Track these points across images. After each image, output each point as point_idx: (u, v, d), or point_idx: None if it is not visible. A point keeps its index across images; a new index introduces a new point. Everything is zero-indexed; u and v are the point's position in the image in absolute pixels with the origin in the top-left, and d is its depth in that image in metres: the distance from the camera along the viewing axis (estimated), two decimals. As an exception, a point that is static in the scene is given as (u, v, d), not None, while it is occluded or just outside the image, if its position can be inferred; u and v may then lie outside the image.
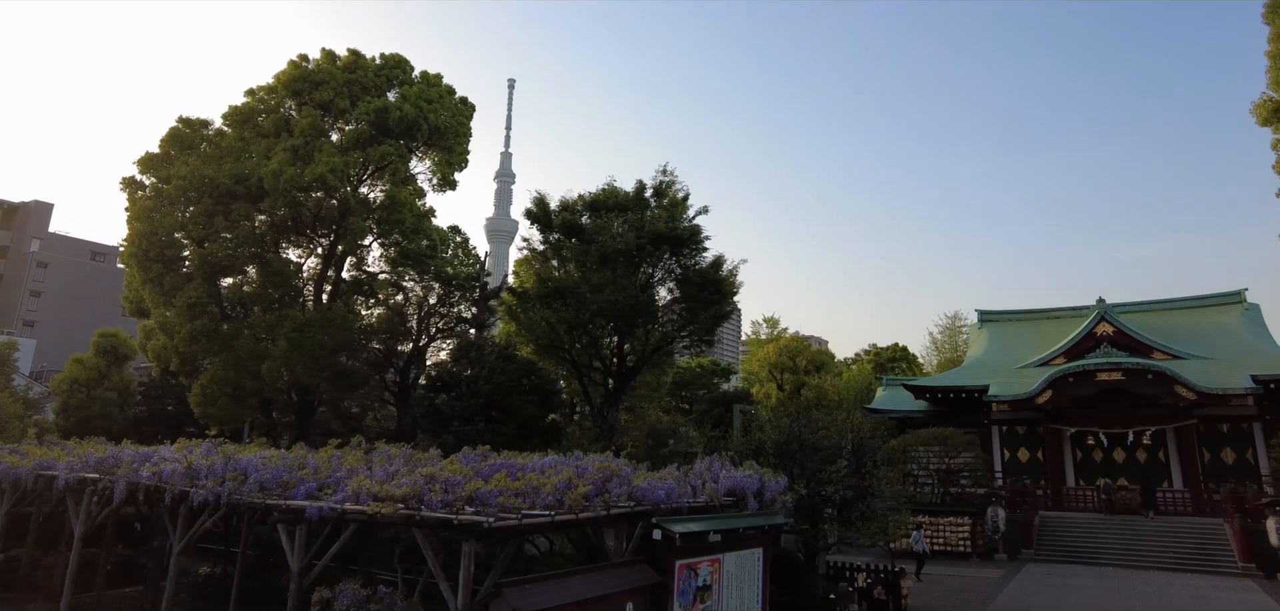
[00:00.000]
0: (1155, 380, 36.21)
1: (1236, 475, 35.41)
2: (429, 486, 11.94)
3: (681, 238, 30.03)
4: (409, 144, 31.56)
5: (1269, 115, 20.56)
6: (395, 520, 11.74)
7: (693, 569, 13.21)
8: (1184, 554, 30.39)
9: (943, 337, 74.73)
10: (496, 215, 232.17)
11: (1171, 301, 48.71)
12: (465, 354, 27.21)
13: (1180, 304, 48.33)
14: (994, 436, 40.91)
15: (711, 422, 32.44)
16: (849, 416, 25.32)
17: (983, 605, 22.40)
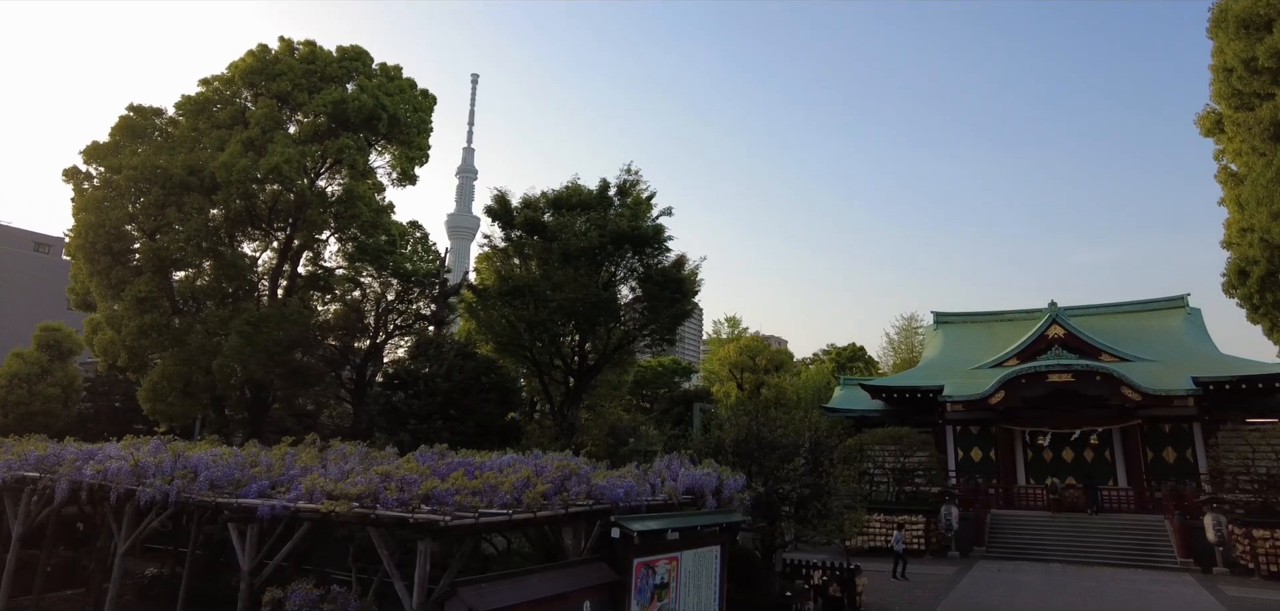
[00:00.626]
0: (1103, 381, 37.23)
1: (1177, 473, 36.60)
2: (385, 485, 11.80)
3: (644, 237, 30.11)
4: (368, 137, 31.15)
5: (1211, 126, 21.27)
6: (350, 519, 11.58)
7: (651, 567, 13.25)
8: (1126, 550, 31.31)
9: (899, 338, 75.94)
10: (458, 211, 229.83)
11: (1119, 305, 50.15)
12: (423, 351, 26.93)
13: (1127, 308, 49.79)
14: (948, 436, 41.68)
15: (672, 421, 32.61)
16: (807, 415, 25.63)
17: (935, 601, 22.82)
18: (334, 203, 29.71)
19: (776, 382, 60.49)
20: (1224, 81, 19.37)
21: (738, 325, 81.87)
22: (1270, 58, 16.99)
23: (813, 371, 72.45)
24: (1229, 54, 18.77)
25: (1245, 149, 18.82)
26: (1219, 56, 19.58)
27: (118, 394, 36.79)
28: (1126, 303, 50.22)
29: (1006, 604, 22.66)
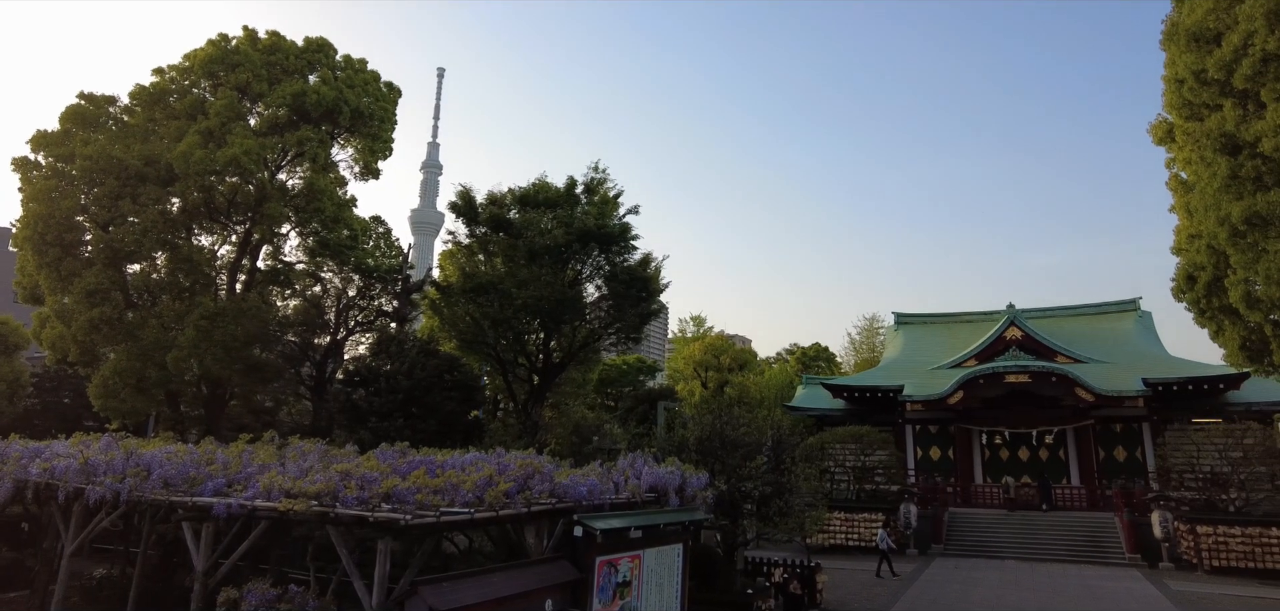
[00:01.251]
0: (1058, 382, 38.12)
1: (1127, 472, 37.64)
2: (344, 483, 11.67)
3: (611, 235, 30.06)
4: (330, 129, 30.66)
5: (1163, 135, 21.81)
6: (309, 517, 11.44)
7: (613, 565, 13.27)
8: (1078, 546, 32.12)
9: (861, 338, 76.90)
10: (422, 206, 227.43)
11: (1074, 308, 51.42)
12: (385, 348, 26.61)
13: (1082, 310, 51.07)
14: (908, 435, 42.36)
15: (636, 419, 32.65)
16: (770, 414, 25.84)
17: (894, 598, 23.18)
18: (295, 196, 29.19)
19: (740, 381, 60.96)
20: (1175, 92, 19.88)
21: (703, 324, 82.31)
22: (1219, 70, 17.48)
23: (776, 370, 73.04)
24: (1180, 66, 19.28)
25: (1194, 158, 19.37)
26: (1171, 68, 20.10)
27: (67, 389, 35.77)
28: (1082, 305, 51.54)
29: (963, 600, 23.11)
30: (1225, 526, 28.14)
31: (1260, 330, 18.72)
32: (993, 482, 40.02)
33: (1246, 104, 17.30)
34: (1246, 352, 19.81)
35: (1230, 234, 17.37)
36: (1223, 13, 17.63)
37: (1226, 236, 17.57)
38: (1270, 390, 36.21)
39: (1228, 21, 17.35)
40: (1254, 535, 27.61)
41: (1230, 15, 17.31)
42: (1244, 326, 19.23)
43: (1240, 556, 27.60)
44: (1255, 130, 16.40)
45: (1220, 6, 17.73)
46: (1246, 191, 16.80)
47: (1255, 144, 16.53)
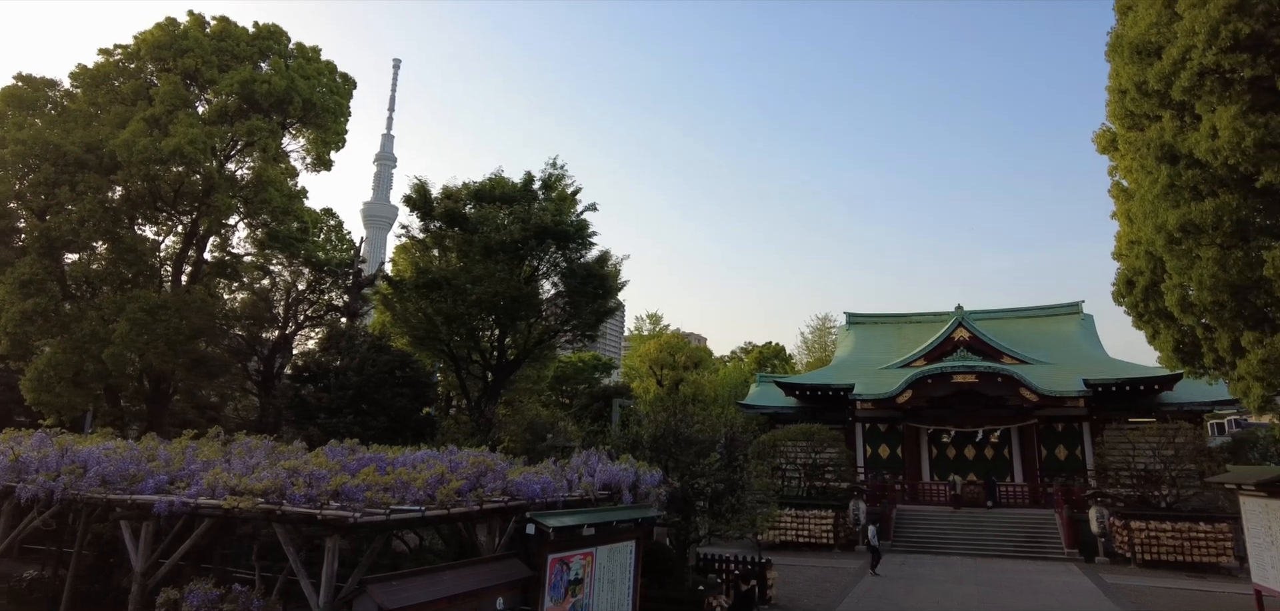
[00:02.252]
0: (1004, 383, 39.12)
1: (1067, 470, 38.86)
2: (292, 480, 11.47)
3: (568, 232, 29.97)
4: (281, 119, 30.04)
5: (1107, 144, 22.48)
6: (254, 515, 11.21)
7: (565, 562, 13.26)
8: (1019, 542, 33.02)
9: (813, 337, 77.92)
10: (375, 199, 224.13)
11: (1020, 310, 52.81)
12: (335, 343, 26.15)
13: (1027, 313, 52.49)
14: (858, 433, 43.07)
15: (591, 417, 32.61)
16: (723, 411, 26.07)
17: (843, 594, 23.57)
18: (244, 187, 28.53)
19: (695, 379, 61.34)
20: (1118, 102, 20.47)
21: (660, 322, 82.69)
22: (1159, 82, 18.04)
23: (731, 369, 73.62)
24: (1123, 77, 19.84)
25: (1135, 167, 19.97)
26: (1115, 78, 20.68)
27: (-3, 383, 34.41)
28: (1027, 308, 52.97)
29: (909, 595, 23.59)
30: (1157, 521, 29.24)
31: (1193, 334, 19.40)
32: (940, 480, 40.91)
33: (1184, 115, 17.91)
34: (1180, 355, 20.50)
35: (1167, 241, 17.96)
36: (1163, 27, 18.23)
37: (1163, 243, 18.16)
38: (1200, 391, 37.62)
39: (1168, 36, 17.94)
40: (1183, 530, 28.77)
41: (1170, 30, 17.91)
42: (1178, 330, 19.90)
43: (1170, 550, 28.73)
44: (1191, 141, 17.00)
45: (1161, 21, 18.33)
46: (1183, 200, 17.40)
47: (1191, 154, 17.13)
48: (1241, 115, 15.58)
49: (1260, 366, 16.31)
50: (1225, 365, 18.73)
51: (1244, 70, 15.97)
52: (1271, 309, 16.40)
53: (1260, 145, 15.21)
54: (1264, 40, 15.92)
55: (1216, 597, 23.54)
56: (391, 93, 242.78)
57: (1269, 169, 15.23)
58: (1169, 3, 18.33)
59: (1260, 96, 16.10)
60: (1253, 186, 15.94)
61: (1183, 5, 17.46)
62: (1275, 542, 17.89)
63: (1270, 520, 18.18)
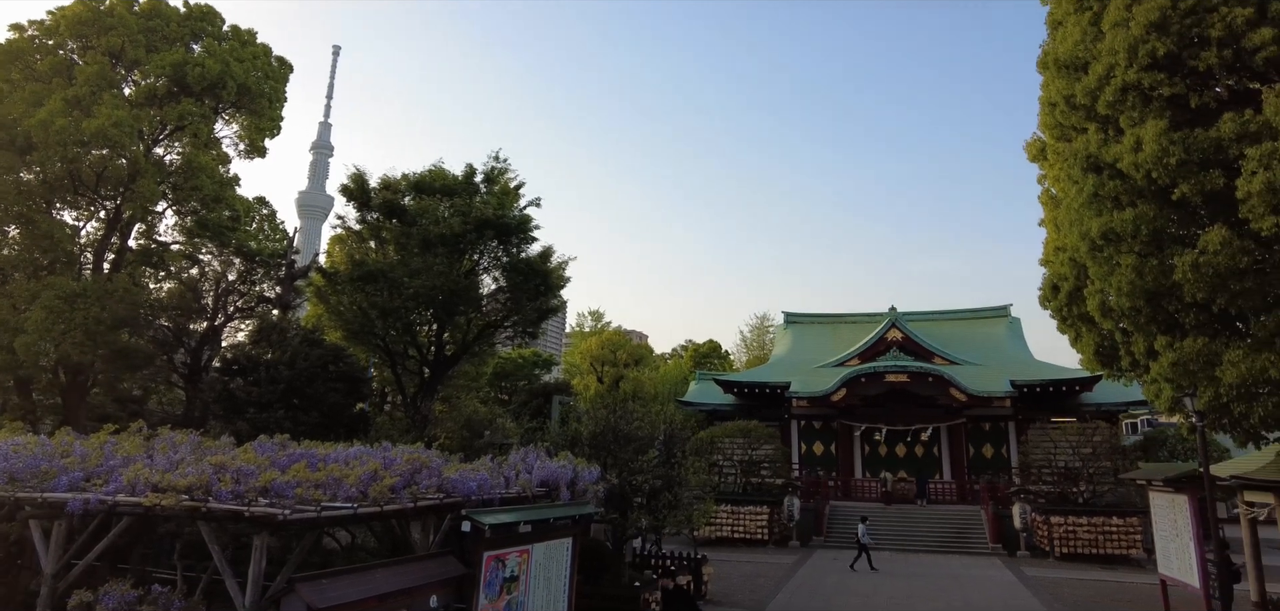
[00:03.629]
0: (935, 383, 40.29)
1: (993, 468, 40.25)
2: (219, 476, 11.13)
3: (510, 226, 29.64)
4: (214, 104, 29.07)
5: (1037, 153, 23.29)
6: (178, 512, 10.84)
7: (501, 560, 13.18)
8: (947, 538, 34.09)
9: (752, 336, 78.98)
10: (310, 189, 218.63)
11: (951, 312, 54.43)
12: (266, 336, 25.42)
13: (958, 315, 54.13)
14: (793, 430, 43.83)
15: (530, 414, 32.40)
16: (663, 409, 26.21)
17: (776, 589, 23.98)
18: (172, 172, 27.54)
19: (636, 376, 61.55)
20: (1048, 114, 21.18)
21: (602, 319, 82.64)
22: (1085, 96, 18.75)
23: (671, 366, 74.07)
24: (1053, 90, 20.55)
25: (1063, 176, 20.65)
26: (1045, 91, 21.41)
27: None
28: (958, 310, 54.63)
29: (841, 589, 24.14)
30: (1074, 516, 30.55)
31: (1112, 337, 20.23)
32: (872, 477, 41.93)
33: (1108, 128, 18.66)
34: (1100, 358, 21.35)
35: (1090, 248, 18.68)
36: (1089, 44, 18.98)
37: (1087, 250, 18.88)
38: (1117, 392, 39.38)
39: (1094, 52, 18.68)
40: (1098, 524, 30.16)
41: (1096, 47, 18.66)
42: (1099, 333, 20.73)
43: (1086, 543, 30.07)
44: (1114, 152, 17.73)
45: (1087, 38, 19.08)
46: (1105, 209, 18.13)
47: (1114, 165, 17.87)
48: (1164, 132, 16.33)
49: (1171, 369, 17.11)
50: (1140, 368, 19.59)
51: (1162, 88, 16.76)
52: (1182, 314, 17.21)
53: (1180, 162, 15.97)
54: (1179, 60, 16.72)
55: (1126, 587, 24.75)
56: (330, 80, 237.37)
57: (1185, 183, 15.99)
58: (1095, 21, 19.10)
59: (1177, 113, 16.91)
60: (1169, 198, 16.71)
61: (1107, 24, 18.21)
62: (1180, 535, 18.83)
63: (1175, 514, 19.13)
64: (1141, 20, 16.77)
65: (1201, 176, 15.73)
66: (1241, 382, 15.62)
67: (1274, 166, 14.21)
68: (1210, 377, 16.34)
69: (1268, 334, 15.39)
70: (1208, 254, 15.43)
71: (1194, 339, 16.68)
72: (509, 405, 39.87)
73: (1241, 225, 15.49)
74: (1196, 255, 15.71)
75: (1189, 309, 16.81)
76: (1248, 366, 15.36)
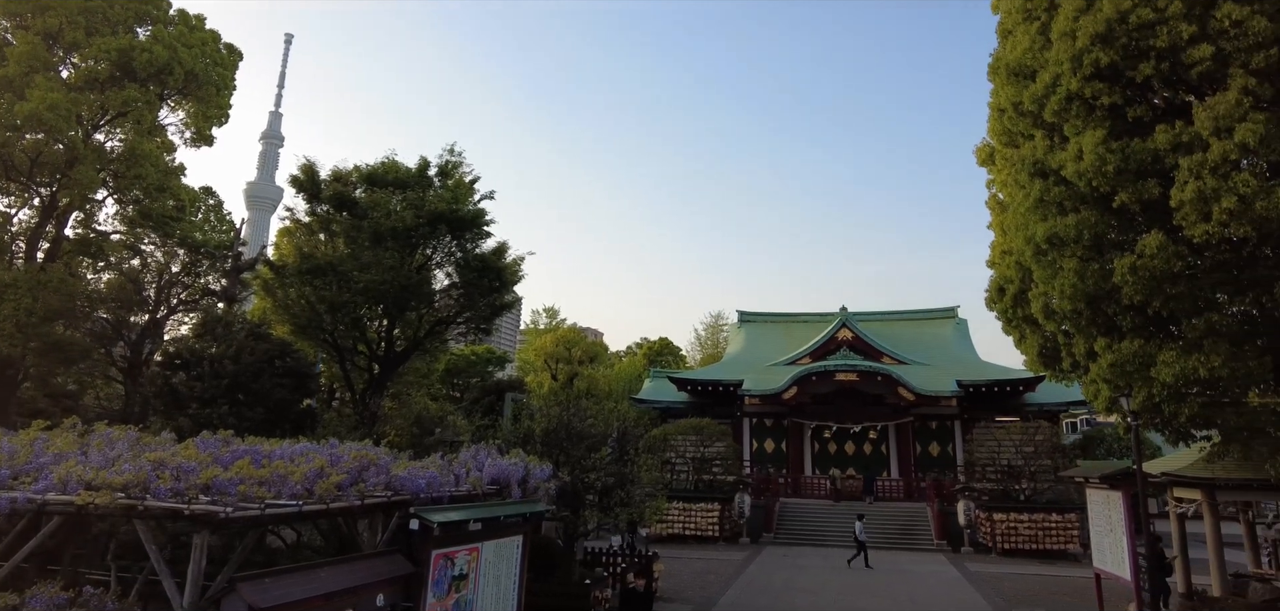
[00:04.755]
0: (883, 382, 41.01)
1: (940, 466, 41.12)
2: (157, 473, 10.80)
3: (464, 220, 29.29)
4: (159, 90, 28.21)
5: (986, 158, 23.78)
6: (113, 511, 10.50)
7: (450, 558, 13.05)
8: (894, 534, 34.75)
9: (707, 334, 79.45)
10: (259, 180, 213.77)
11: (901, 313, 55.43)
12: (211, 329, 24.77)
13: (907, 315, 55.15)
14: (745, 428, 44.23)
15: (482, 411, 32.09)
16: (617, 406, 26.22)
17: (726, 585, 24.18)
18: (114, 160, 26.65)
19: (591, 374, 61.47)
20: (998, 120, 21.60)
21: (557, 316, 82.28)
22: (1033, 103, 19.18)
23: (626, 364, 74.14)
24: (1002, 97, 20.97)
25: (1011, 181, 21.04)
26: (995, 97, 21.84)
27: None
28: (907, 311, 55.66)
29: (789, 585, 24.45)
30: (1016, 513, 31.42)
31: (1054, 339, 20.76)
32: (821, 475, 42.53)
33: (1054, 135, 19.13)
34: (1043, 359, 21.87)
35: (1034, 252, 19.12)
36: (1037, 53, 19.43)
37: (1032, 254, 19.32)
38: (1059, 393, 40.52)
39: (1041, 61, 19.13)
40: (1038, 520, 31.06)
41: (1043, 56, 19.11)
42: (1042, 335, 21.25)
43: (1027, 539, 30.95)
44: (1059, 159, 18.18)
45: (1035, 47, 19.54)
46: (1051, 214, 18.59)
47: (1059, 171, 18.34)
48: (1104, 141, 16.81)
49: (1109, 370, 17.63)
50: (1080, 369, 20.13)
51: (1104, 98, 17.25)
52: (1120, 317, 17.74)
53: (1118, 170, 16.47)
54: (1120, 72, 17.24)
55: (1063, 581, 25.56)
56: (282, 68, 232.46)
57: (1124, 190, 16.49)
58: (1043, 30, 19.57)
59: (1116, 123, 17.44)
60: (1110, 205, 17.22)
61: (1055, 33, 18.67)
62: (1113, 530, 19.47)
63: (1110, 510, 19.78)
64: (1088, 31, 17.24)
65: (1139, 185, 16.24)
66: (1174, 383, 16.18)
67: (1204, 176, 14.75)
68: (1145, 378, 16.88)
69: (1197, 336, 15.97)
70: (1144, 259, 15.94)
71: (1131, 341, 17.22)
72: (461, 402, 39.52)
73: (1175, 231, 16.04)
74: (1134, 260, 16.22)
75: (1127, 312, 17.34)
76: (1180, 367, 15.91)
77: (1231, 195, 14.24)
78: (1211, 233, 14.84)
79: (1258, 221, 14.24)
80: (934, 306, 55.64)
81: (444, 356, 42.65)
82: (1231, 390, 16.39)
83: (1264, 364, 15.67)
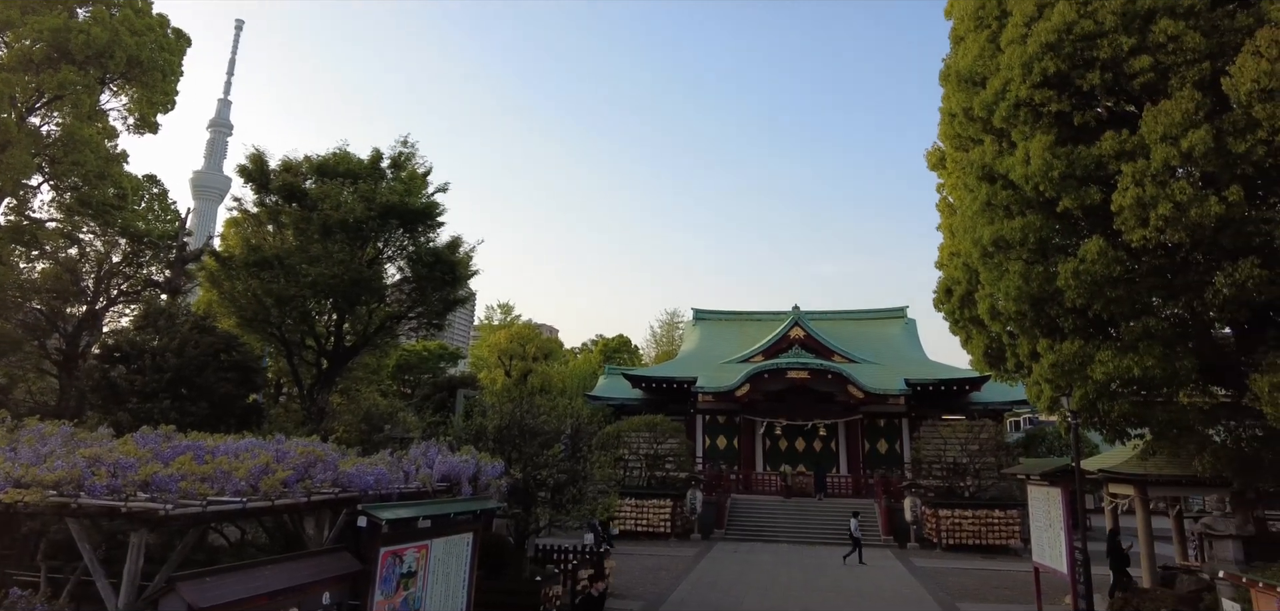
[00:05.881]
0: (834, 380, 41.62)
1: (888, 463, 41.91)
2: (93, 470, 10.48)
3: (416, 213, 28.86)
4: (100, 74, 27.26)
5: (936, 162, 24.25)
6: (43, 509, 10.15)
7: (398, 555, 12.92)
8: (844, 530, 35.22)
9: (662, 332, 79.68)
10: (206, 169, 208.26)
11: (851, 312, 56.29)
12: (153, 321, 24.05)
13: (858, 315, 56.03)
14: (698, 424, 44.54)
15: (434, 407, 31.80)
16: (571, 403, 26.15)
17: (677, 581, 24.33)
18: (50, 145, 25.69)
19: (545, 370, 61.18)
20: (949, 124, 22.04)
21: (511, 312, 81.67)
22: (983, 109, 19.61)
23: (581, 361, 74.00)
24: (953, 102, 21.40)
25: (960, 185, 21.45)
26: (946, 102, 22.28)
27: None
28: (858, 310, 56.53)
29: (740, 580, 24.68)
30: (960, 509, 32.18)
31: (1000, 340, 21.28)
32: (773, 471, 43.03)
33: (1002, 141, 19.60)
34: (988, 359, 22.40)
35: (982, 254, 19.58)
36: (987, 60, 19.88)
37: (979, 256, 19.77)
38: (1003, 392, 41.61)
39: (991, 68, 19.58)
40: (982, 516, 31.86)
41: (993, 63, 19.56)
42: (988, 336, 21.76)
43: (970, 534, 31.73)
44: (1007, 164, 18.64)
45: (986, 54, 19.99)
46: (997, 217, 19.04)
47: (1007, 176, 18.80)
48: (1050, 147, 17.28)
49: (1051, 370, 18.14)
50: (1024, 369, 20.68)
51: (1052, 105, 17.74)
52: (1062, 319, 18.27)
53: (1063, 175, 16.96)
54: (1067, 80, 17.74)
55: (1004, 575, 26.26)
56: (231, 55, 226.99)
57: (1068, 196, 16.99)
58: (993, 38, 20.04)
59: (1064, 130, 17.94)
60: (1054, 210, 17.72)
61: (1005, 41, 19.13)
62: (1052, 525, 20.06)
63: (1049, 506, 20.37)
64: (1038, 40, 17.71)
65: (1082, 191, 16.75)
66: (1107, 381, 16.73)
67: (1144, 183, 15.28)
68: (1083, 378, 17.42)
69: (1134, 337, 16.53)
70: (1086, 263, 16.44)
71: (1071, 342, 17.75)
72: (412, 399, 39.04)
73: (1115, 237, 16.57)
74: (1077, 263, 16.72)
75: (1068, 314, 17.87)
76: (1114, 366, 16.45)
77: (1168, 202, 14.77)
78: (1149, 238, 15.38)
79: (1191, 228, 14.79)
80: (884, 306, 56.66)
81: (395, 352, 42.12)
82: (1163, 390, 17.00)
83: (1193, 365, 16.28)
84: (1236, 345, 17.85)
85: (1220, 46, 15.61)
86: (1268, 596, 12.15)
